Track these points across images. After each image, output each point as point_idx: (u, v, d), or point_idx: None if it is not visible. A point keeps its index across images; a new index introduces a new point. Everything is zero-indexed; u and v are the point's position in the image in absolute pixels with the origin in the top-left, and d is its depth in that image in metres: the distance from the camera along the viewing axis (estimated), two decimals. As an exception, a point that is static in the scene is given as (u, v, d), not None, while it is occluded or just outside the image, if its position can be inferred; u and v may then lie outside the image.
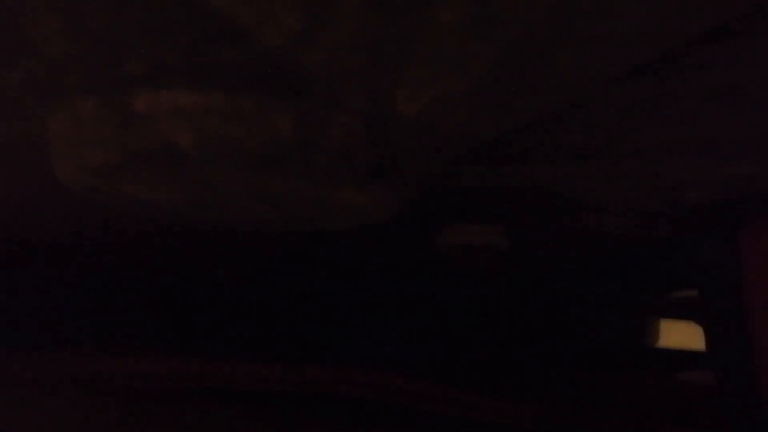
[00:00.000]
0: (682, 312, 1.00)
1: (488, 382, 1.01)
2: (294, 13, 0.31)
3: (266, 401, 0.62)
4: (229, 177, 0.41)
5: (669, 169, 0.53)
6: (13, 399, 0.62)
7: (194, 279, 0.83)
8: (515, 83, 0.36)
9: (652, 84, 0.39)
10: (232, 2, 0.30)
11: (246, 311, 0.89)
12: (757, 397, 0.58)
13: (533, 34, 0.31)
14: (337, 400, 0.62)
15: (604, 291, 0.97)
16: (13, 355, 0.63)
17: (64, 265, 0.72)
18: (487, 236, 0.74)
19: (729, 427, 0.64)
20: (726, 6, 0.30)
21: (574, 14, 0.30)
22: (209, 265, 0.76)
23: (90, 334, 0.75)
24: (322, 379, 0.60)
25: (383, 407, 0.63)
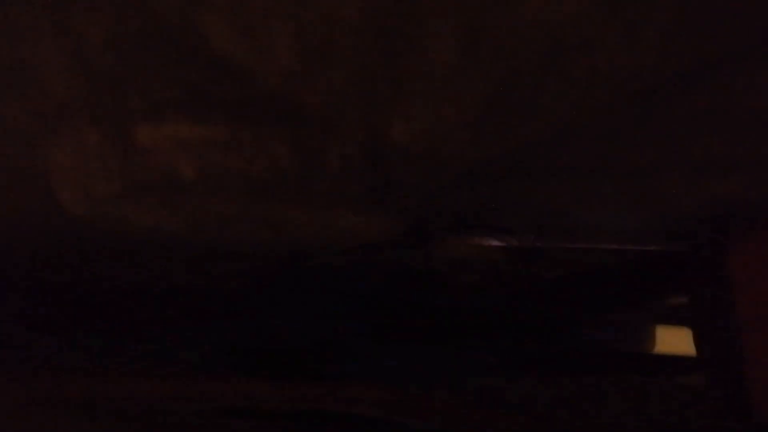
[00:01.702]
0: (677, 318, 1.01)
1: (486, 391, 1.02)
2: (293, 54, 0.32)
3: (267, 419, 0.63)
4: (229, 205, 0.43)
5: (658, 187, 0.54)
6: (12, 420, 0.63)
7: (192, 296, 0.84)
8: (505, 114, 0.37)
9: (639, 110, 0.40)
10: (232, 44, 0.31)
11: (244, 327, 0.90)
12: (746, 409, 0.59)
13: (521, 70, 0.32)
14: (336, 418, 0.63)
15: (599, 298, 0.98)
16: (13, 378, 0.64)
17: (64, 287, 0.73)
18: (483, 249, 0.75)
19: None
20: (704, 46, 0.31)
21: (560, 52, 0.31)
22: (208, 281, 0.77)
23: (88, 355, 0.76)
24: (321, 398, 0.61)
25: (382, 424, 0.64)
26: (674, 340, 1.08)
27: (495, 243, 0.75)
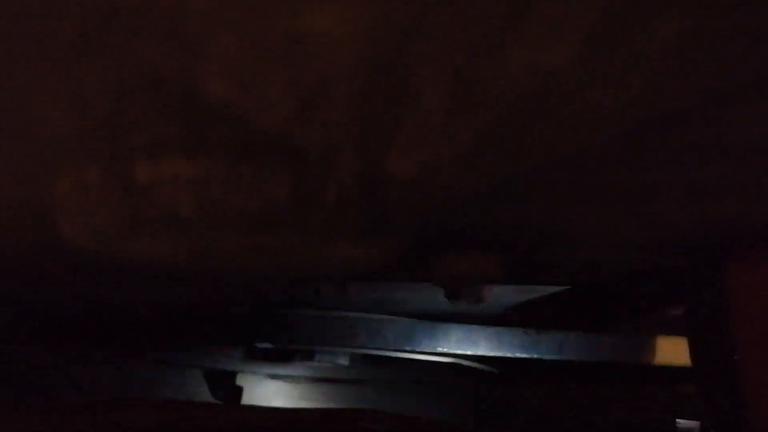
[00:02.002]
0: (676, 328, 1.02)
1: (489, 403, 1.02)
2: (288, 98, 0.32)
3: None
4: (229, 238, 0.43)
5: (655, 208, 0.55)
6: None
7: (192, 316, 0.85)
8: (497, 149, 0.38)
9: (629, 142, 0.40)
10: (229, 93, 0.32)
11: (247, 349, 0.90)
12: (740, 420, 0.59)
13: (510, 112, 0.33)
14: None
15: (601, 310, 0.99)
16: (13, 411, 0.64)
17: (65, 316, 0.73)
18: (482, 266, 0.76)
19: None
20: (691, 86, 0.32)
21: (547, 97, 0.31)
22: (207, 303, 0.78)
23: (90, 385, 0.77)
24: (323, 424, 0.61)
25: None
26: (672, 350, 1.08)
27: (493, 259, 0.76)
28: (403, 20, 0.27)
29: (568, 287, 0.89)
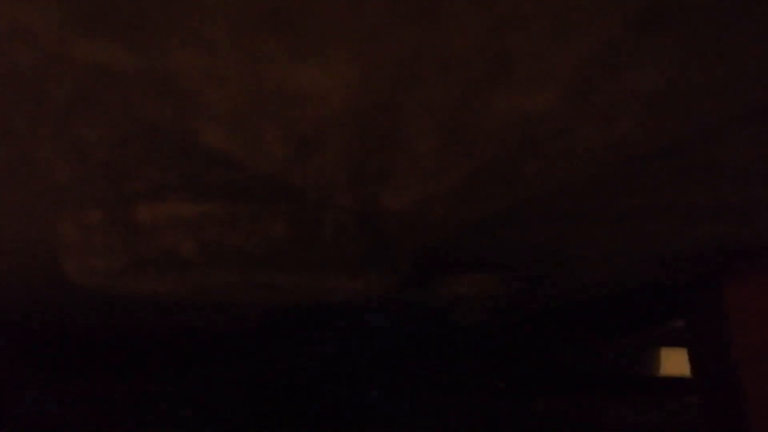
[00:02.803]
0: (677, 340, 1.02)
1: (498, 415, 1.03)
2: (282, 145, 0.33)
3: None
4: (229, 276, 0.44)
5: (650, 229, 0.55)
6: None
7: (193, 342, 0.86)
8: (489, 186, 0.38)
9: (621, 173, 0.41)
10: (223, 138, 0.33)
11: (248, 377, 0.91)
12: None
13: (499, 152, 0.33)
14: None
15: (598, 325, 0.99)
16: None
17: (67, 348, 0.74)
18: (482, 286, 0.76)
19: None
20: (680, 124, 0.32)
21: (535, 138, 0.32)
22: (208, 329, 0.79)
23: (93, 416, 0.77)
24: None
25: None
26: (675, 361, 1.08)
27: (494, 280, 0.76)
28: (390, 72, 0.28)
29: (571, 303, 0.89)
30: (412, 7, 0.23)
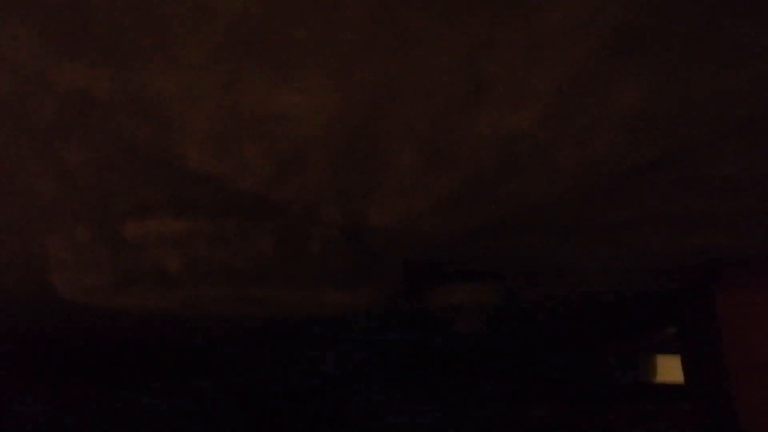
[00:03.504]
0: (672, 347, 1.02)
1: (494, 421, 1.02)
2: (264, 163, 0.33)
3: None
4: (216, 291, 0.44)
5: (642, 240, 0.56)
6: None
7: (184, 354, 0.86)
8: (472, 201, 0.38)
9: (606, 187, 0.41)
10: (205, 158, 0.33)
11: (246, 392, 0.91)
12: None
13: (482, 169, 0.34)
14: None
15: (592, 333, 0.99)
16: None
17: (59, 359, 0.74)
18: (477, 295, 0.76)
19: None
20: (658, 140, 0.32)
21: (516, 154, 0.32)
22: (198, 338, 0.79)
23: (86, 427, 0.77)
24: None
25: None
26: (668, 368, 1.08)
27: (487, 287, 0.76)
28: (370, 96, 0.28)
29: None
30: (390, 34, 0.24)
